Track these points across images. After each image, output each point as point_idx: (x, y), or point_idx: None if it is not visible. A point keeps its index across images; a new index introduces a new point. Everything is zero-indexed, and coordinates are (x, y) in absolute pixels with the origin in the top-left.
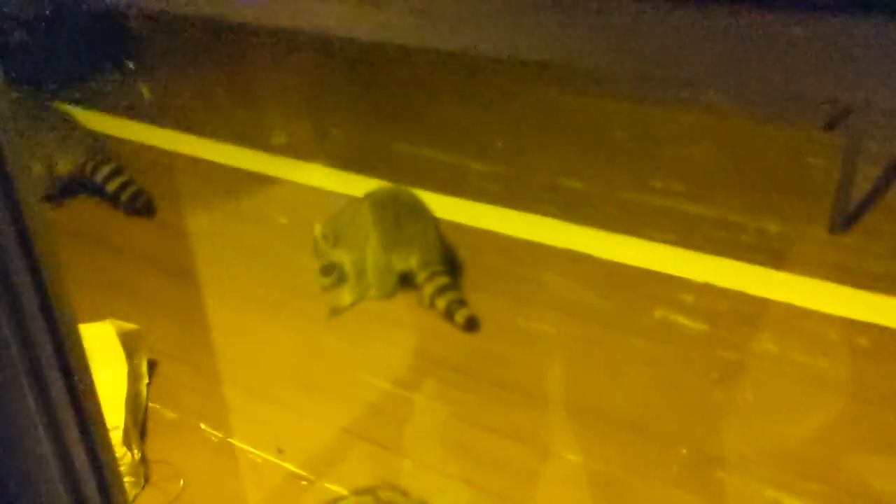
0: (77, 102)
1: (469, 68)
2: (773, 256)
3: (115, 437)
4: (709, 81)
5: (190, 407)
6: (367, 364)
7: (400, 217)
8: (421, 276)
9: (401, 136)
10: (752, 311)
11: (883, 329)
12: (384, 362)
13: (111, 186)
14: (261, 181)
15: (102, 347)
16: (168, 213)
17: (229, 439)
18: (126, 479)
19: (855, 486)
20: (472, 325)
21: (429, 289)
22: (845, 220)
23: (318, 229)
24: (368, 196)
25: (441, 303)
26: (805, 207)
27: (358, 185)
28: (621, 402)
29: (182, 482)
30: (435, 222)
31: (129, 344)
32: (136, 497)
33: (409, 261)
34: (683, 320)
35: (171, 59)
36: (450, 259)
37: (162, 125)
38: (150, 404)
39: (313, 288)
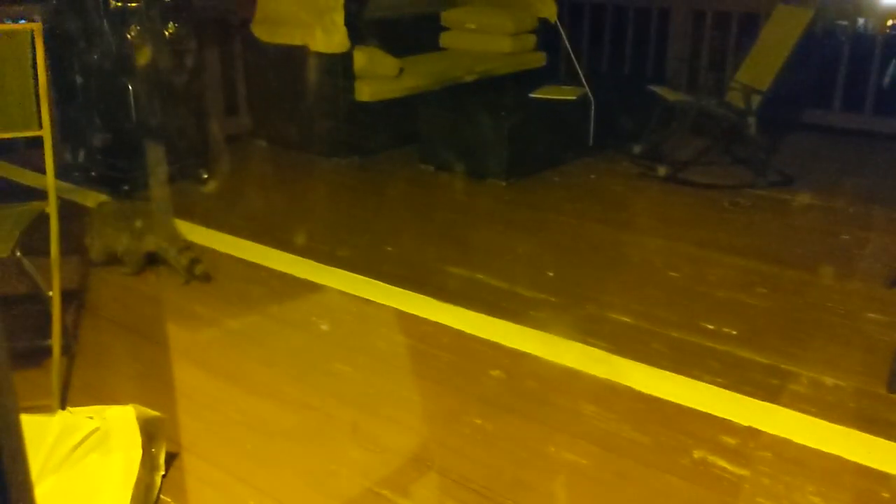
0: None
1: (528, 202)
2: (826, 409)
3: None
4: None
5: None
6: (388, 479)
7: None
8: (171, 253)
9: (453, 258)
10: (799, 460)
11: None
12: (405, 480)
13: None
14: (311, 289)
15: (120, 431)
16: (211, 309)
17: None
18: None
19: None
20: (207, 277)
21: (184, 260)
22: None
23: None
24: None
25: (184, 260)
26: (863, 363)
27: (410, 302)
28: None
29: None
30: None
31: (150, 431)
32: None
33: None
34: (723, 463)
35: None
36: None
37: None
38: (163, 497)
39: (344, 392)
